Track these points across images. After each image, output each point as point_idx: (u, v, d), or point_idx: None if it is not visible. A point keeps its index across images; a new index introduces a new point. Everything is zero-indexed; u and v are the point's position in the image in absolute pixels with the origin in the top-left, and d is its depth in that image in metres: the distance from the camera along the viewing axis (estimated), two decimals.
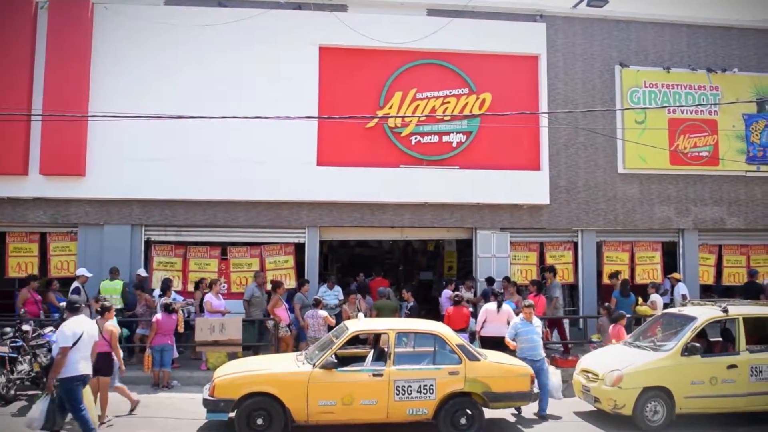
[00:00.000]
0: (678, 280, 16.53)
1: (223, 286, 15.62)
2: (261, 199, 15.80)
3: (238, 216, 15.93)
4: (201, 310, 14.65)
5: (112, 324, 10.65)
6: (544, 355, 11.41)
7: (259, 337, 14.36)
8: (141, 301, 14.50)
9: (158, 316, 12.95)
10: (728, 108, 17.70)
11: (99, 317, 10.61)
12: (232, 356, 13.36)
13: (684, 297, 15.54)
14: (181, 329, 13.52)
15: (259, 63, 15.74)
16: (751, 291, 16.29)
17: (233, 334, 13.61)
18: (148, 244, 16.13)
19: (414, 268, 22.04)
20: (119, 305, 14.23)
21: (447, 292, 15.66)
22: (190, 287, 15.97)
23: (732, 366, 10.89)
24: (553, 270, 15.98)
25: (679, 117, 17.70)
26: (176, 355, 13.75)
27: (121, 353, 10.78)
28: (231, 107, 14.44)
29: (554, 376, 11.48)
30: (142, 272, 15.34)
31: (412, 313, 14.32)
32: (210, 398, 9.69)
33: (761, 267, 18.53)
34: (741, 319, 11.23)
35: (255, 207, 15.93)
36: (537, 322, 11.53)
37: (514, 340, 11.46)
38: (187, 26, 15.38)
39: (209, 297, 14.23)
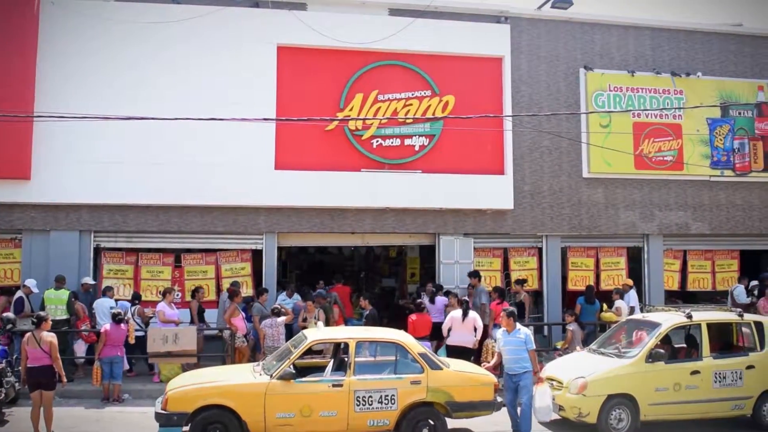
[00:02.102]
0: (630, 287, 16.19)
1: (177, 295, 15.09)
2: (216, 204, 15.28)
3: (192, 221, 15.39)
4: (201, 319, 14.62)
5: (51, 335, 10.21)
6: (522, 371, 10.32)
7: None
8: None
9: (106, 326, 12.48)
10: (692, 112, 17.62)
11: (35, 329, 10.09)
12: (186, 368, 12.89)
13: (632, 309, 15.06)
14: (132, 340, 13.05)
15: (215, 62, 15.24)
16: None
17: (187, 345, 13.24)
18: (98, 251, 15.47)
19: (376, 274, 21.70)
20: (65, 315, 13.64)
21: (442, 299, 15.10)
22: (144, 296, 15.35)
23: (695, 372, 10.88)
24: (477, 275, 15.61)
25: (644, 121, 17.58)
26: (126, 366, 13.26)
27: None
28: (185, 108, 13.93)
29: (539, 396, 10.35)
30: (89, 280, 14.68)
31: (369, 321, 13.92)
32: (163, 412, 9.37)
33: (725, 272, 18.55)
34: (705, 325, 11.25)
35: (210, 212, 15.41)
36: (521, 333, 10.47)
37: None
38: (140, 23, 14.80)
39: (162, 306, 13.83)
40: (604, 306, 15.45)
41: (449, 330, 13.21)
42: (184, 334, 13.25)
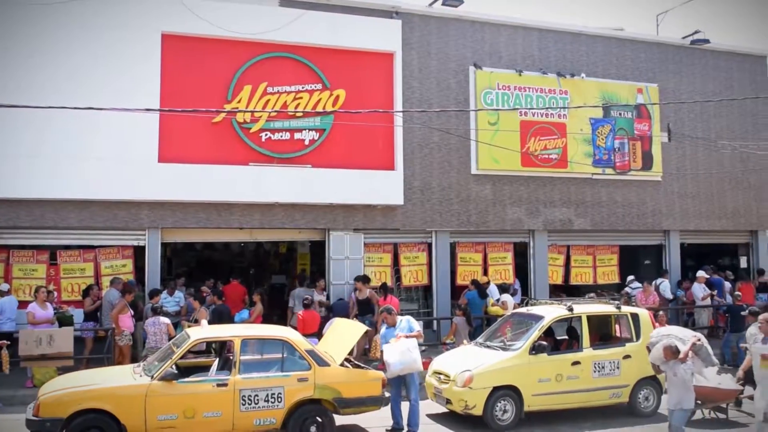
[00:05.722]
0: (488, 282, 16.63)
1: (53, 294, 14.23)
2: (95, 198, 14.51)
3: (68, 217, 14.56)
4: (94, 318, 14.12)
5: None
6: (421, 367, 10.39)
7: None
8: None
9: None
10: (576, 112, 18.22)
11: None
12: (63, 371, 12.24)
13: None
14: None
15: (95, 49, 14.44)
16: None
17: (63, 347, 12.53)
18: None
19: (266, 271, 21.33)
20: None
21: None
22: (16, 296, 14.39)
23: (576, 363, 11.24)
24: (303, 277, 15.75)
25: (531, 119, 18.02)
26: None
27: None
28: (62, 96, 13.09)
29: (388, 350, 10.30)
30: None
31: (214, 317, 13.55)
32: (34, 418, 8.91)
33: (605, 267, 19.32)
34: (585, 317, 11.60)
35: (88, 207, 14.62)
36: (405, 326, 10.53)
37: None
38: (13, 4, 13.94)
39: (32, 307, 13.02)
40: (491, 300, 15.74)
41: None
42: (59, 335, 12.55)
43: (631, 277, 18.08)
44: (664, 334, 9.62)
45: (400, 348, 10.25)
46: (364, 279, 15.36)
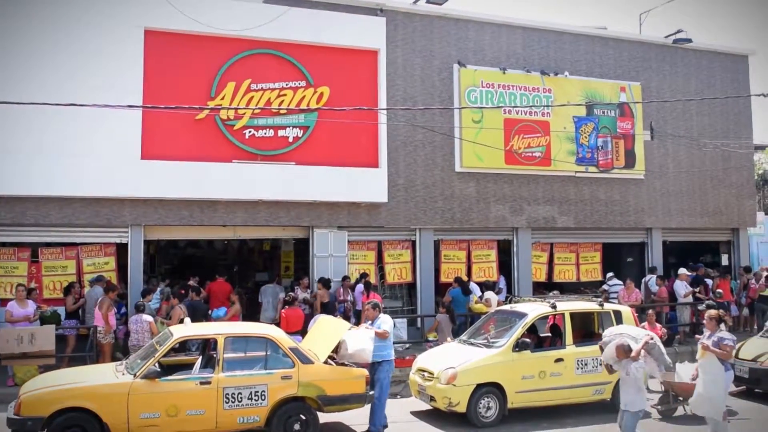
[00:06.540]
0: (468, 281, 16.69)
1: (35, 292, 14.13)
2: (77, 195, 14.39)
3: (50, 214, 14.42)
4: (75, 316, 14.10)
5: None
6: (379, 359, 10.37)
7: None
8: None
9: None
10: (560, 110, 18.28)
11: None
12: (45, 370, 12.15)
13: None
14: None
15: (77, 44, 14.30)
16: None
17: (45, 345, 12.46)
18: None
19: (250, 268, 21.28)
20: None
21: (361, 287, 15.21)
22: (2, 294, 14.30)
23: (559, 360, 11.31)
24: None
25: (514, 117, 18.05)
26: None
27: None
28: (44, 92, 13.02)
29: (349, 338, 10.37)
30: None
31: (188, 311, 13.49)
32: (15, 417, 8.85)
33: (588, 264, 19.43)
34: (568, 315, 11.63)
35: (70, 204, 14.50)
36: (377, 324, 10.56)
37: None
38: None
39: (10, 305, 12.94)
40: (475, 297, 15.78)
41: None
42: (40, 333, 12.48)
43: (610, 274, 18.16)
44: (617, 333, 9.61)
45: (356, 335, 10.36)
46: (325, 282, 15.31)
